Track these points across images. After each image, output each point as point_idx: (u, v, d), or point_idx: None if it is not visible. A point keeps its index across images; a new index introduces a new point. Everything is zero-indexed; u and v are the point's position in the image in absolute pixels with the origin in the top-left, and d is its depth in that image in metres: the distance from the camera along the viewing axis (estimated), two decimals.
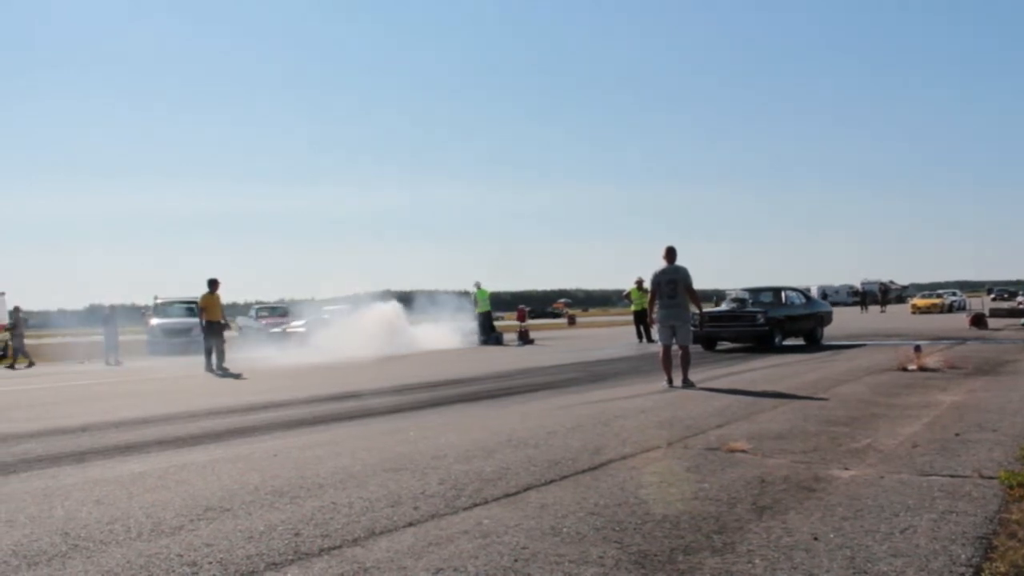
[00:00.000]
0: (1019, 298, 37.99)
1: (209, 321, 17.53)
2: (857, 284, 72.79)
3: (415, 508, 4.73)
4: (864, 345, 19.27)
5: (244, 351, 22.84)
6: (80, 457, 6.84)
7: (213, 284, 17.72)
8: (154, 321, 27.92)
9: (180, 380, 15.22)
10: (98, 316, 29.13)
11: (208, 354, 17.39)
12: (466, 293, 29.80)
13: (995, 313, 29.73)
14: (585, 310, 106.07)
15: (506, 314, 47.45)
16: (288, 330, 27.96)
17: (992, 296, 51.85)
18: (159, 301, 29.51)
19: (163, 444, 7.46)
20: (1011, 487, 4.80)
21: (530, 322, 32.06)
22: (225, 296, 18.62)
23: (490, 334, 27.37)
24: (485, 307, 27.54)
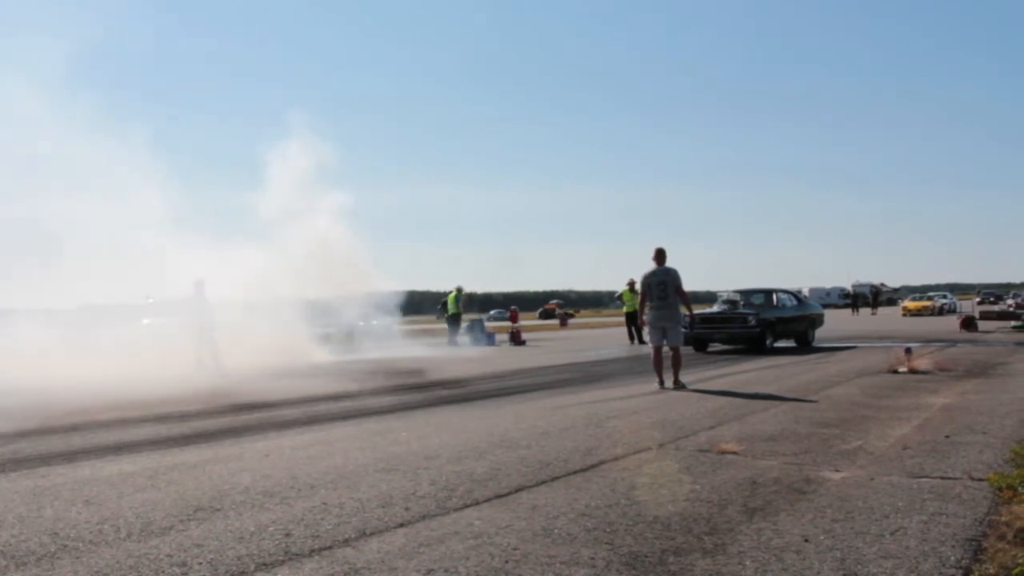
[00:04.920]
0: (1008, 301, 38.16)
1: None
2: (848, 286, 72.97)
3: (406, 509, 4.72)
4: (855, 347, 19.32)
5: None
6: (70, 457, 6.81)
7: (199, 285, 17.61)
8: (146, 322, 27.75)
9: (169, 380, 15.13)
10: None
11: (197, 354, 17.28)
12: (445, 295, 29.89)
13: (985, 316, 29.81)
14: (576, 311, 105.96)
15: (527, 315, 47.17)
16: None
17: (979, 299, 52.01)
18: (151, 301, 29.32)
19: (154, 444, 7.43)
20: (1000, 489, 4.82)
21: (522, 323, 32.05)
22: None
23: (455, 335, 27.35)
24: (454, 310, 27.68)
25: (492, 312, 70.61)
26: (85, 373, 14.44)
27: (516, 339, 27.63)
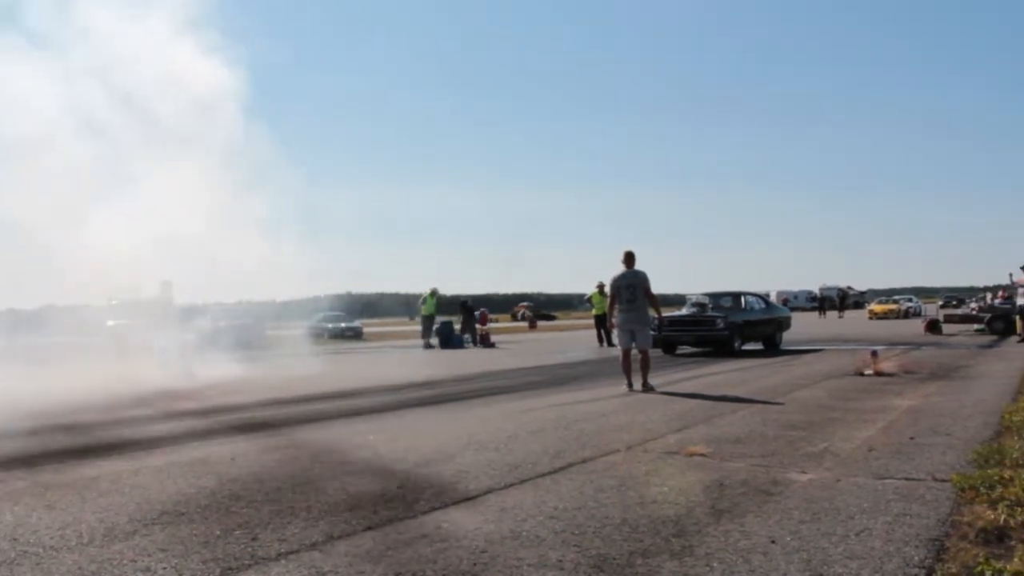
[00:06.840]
0: (971, 304, 38.65)
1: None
2: (816, 290, 73.64)
3: (374, 512, 4.69)
4: (822, 350, 19.50)
5: None
6: (30, 461, 6.68)
7: (166, 286, 17.37)
8: (111, 323, 27.37)
9: (135, 383, 14.94)
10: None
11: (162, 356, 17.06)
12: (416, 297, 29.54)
13: (949, 319, 30.23)
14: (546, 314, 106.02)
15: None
16: None
17: (942, 303, 52.73)
18: (114, 303, 28.89)
19: (117, 448, 7.32)
20: (963, 490, 4.88)
21: (492, 325, 32.02)
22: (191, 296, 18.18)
23: (429, 337, 27.16)
24: (429, 311, 27.49)
25: None
26: (46, 375, 14.18)
27: (485, 341, 27.61)
